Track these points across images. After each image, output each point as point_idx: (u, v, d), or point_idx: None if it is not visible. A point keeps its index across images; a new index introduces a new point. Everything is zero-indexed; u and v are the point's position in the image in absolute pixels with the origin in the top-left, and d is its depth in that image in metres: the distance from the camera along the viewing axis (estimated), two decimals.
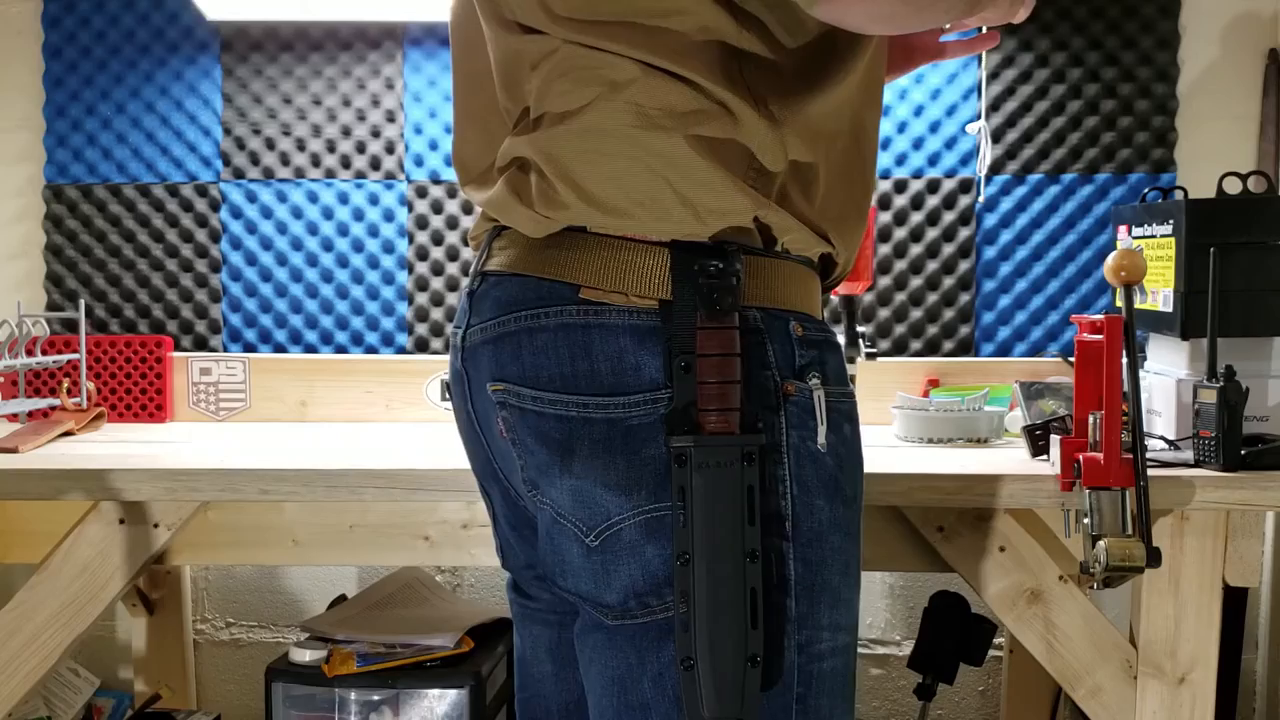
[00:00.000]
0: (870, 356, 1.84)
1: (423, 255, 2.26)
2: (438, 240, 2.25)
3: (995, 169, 2.20)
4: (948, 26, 1.27)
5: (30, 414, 2.07)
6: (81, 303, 2.13)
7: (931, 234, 2.21)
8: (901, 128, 2.20)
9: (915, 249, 2.21)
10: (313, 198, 2.26)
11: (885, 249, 2.21)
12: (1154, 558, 1.37)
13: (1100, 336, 1.42)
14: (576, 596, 1.04)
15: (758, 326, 1.01)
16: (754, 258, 1.02)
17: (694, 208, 1.00)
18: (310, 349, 2.27)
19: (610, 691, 1.03)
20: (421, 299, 2.26)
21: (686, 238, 1.01)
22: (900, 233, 2.21)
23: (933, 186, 2.21)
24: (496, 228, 1.11)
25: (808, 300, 1.07)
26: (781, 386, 1.01)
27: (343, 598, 2.10)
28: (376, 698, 1.80)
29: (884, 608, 2.33)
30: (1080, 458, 1.42)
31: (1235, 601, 2.07)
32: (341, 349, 2.26)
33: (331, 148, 2.26)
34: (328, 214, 2.26)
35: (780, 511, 1.00)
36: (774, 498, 1.00)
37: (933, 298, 2.21)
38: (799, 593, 1.01)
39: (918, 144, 2.20)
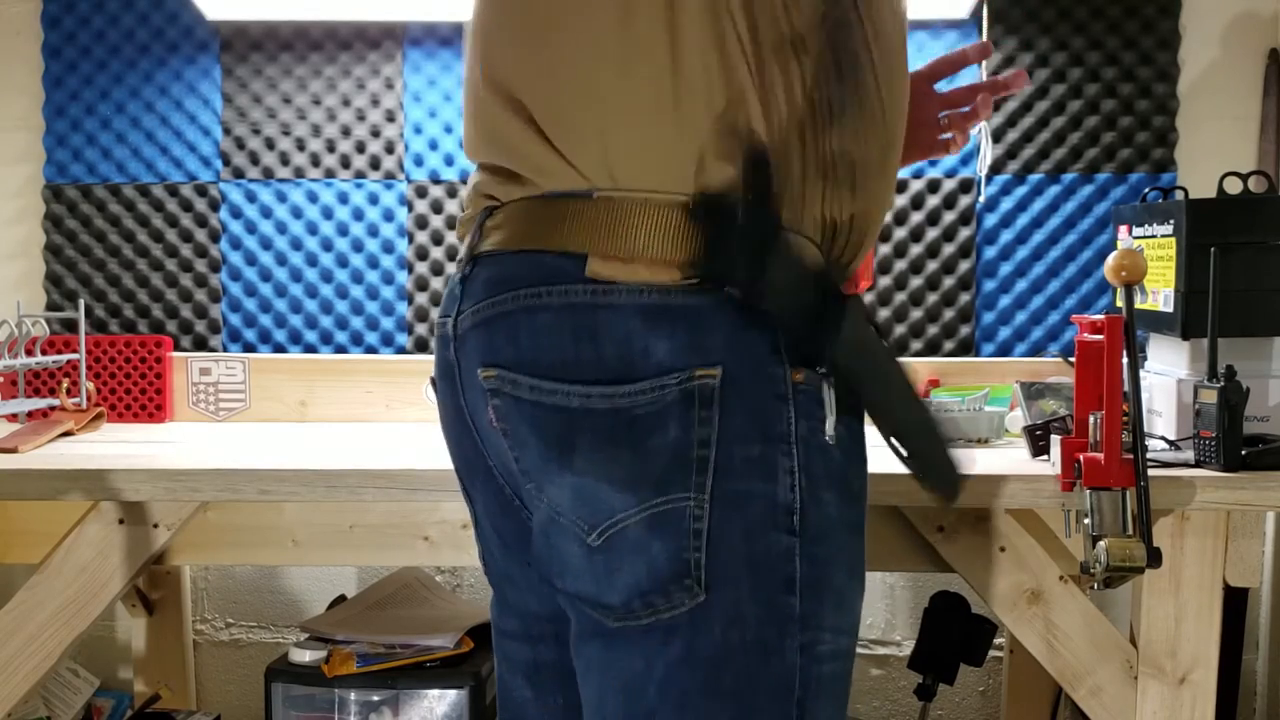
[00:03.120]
0: None
1: (422, 255, 2.25)
2: (438, 240, 2.25)
3: (995, 169, 2.20)
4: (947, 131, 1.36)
5: (30, 414, 2.07)
6: (81, 303, 2.13)
7: (931, 234, 2.21)
8: None
9: (915, 249, 2.21)
10: (312, 197, 2.26)
11: (885, 249, 2.21)
12: (1154, 558, 1.37)
13: (1100, 336, 1.42)
14: (575, 598, 0.99)
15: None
16: None
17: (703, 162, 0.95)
18: (310, 349, 2.26)
19: (614, 699, 0.98)
20: (421, 299, 2.25)
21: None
22: (900, 233, 2.21)
23: (933, 186, 2.21)
24: (488, 207, 1.05)
25: None
26: (790, 374, 0.96)
27: (342, 598, 2.10)
28: (376, 698, 1.80)
29: (884, 608, 2.33)
30: (1081, 458, 1.41)
31: (1236, 602, 2.07)
32: (341, 349, 2.26)
33: (331, 148, 2.25)
34: (327, 214, 2.26)
35: (789, 504, 0.95)
36: (781, 489, 0.95)
37: (933, 298, 2.21)
38: (804, 590, 0.96)
39: None
